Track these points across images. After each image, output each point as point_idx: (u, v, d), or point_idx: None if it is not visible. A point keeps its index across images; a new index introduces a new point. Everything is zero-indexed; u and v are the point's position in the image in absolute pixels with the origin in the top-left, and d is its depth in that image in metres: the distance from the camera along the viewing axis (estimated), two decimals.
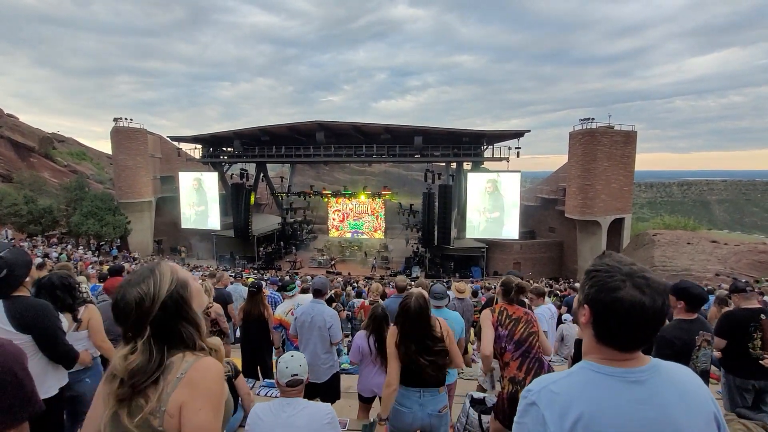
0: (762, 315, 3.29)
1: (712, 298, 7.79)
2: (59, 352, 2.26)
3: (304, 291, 4.65)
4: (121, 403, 1.06)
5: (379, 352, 3.03)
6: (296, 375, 2.06)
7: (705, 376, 3.61)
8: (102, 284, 5.32)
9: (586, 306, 0.99)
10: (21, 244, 17.40)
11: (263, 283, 6.04)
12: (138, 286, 1.09)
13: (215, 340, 1.24)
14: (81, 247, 21.68)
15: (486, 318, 2.73)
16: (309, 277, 14.86)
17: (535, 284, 6.81)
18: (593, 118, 23.11)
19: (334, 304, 6.97)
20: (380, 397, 3.20)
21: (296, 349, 3.55)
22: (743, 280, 6.93)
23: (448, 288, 5.69)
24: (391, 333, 2.45)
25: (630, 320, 0.92)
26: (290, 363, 2.08)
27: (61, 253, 16.06)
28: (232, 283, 7.27)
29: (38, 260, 7.21)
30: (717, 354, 4.10)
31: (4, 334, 2.02)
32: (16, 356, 1.45)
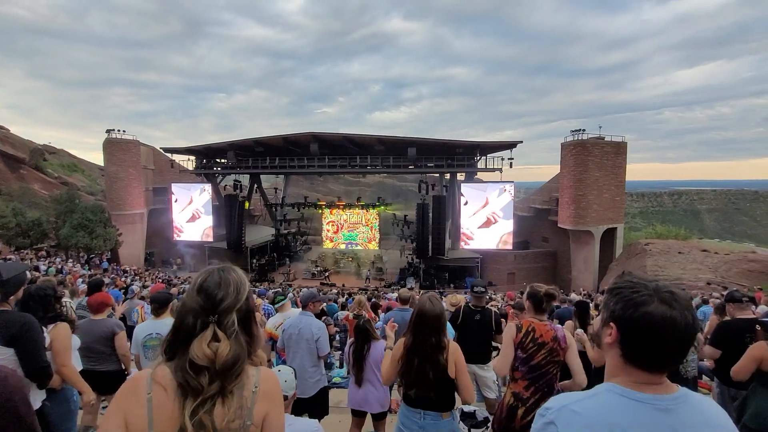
0: (757, 326, 3.28)
1: (706, 308, 7.82)
2: (36, 369, 2.18)
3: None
4: (204, 404, 0.98)
5: (354, 363, 2.99)
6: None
7: (693, 383, 3.55)
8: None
9: (612, 324, 0.94)
10: (8, 257, 17.08)
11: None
12: (229, 272, 1.12)
13: (261, 354, 1.25)
14: (70, 261, 21.31)
15: (510, 335, 2.51)
16: (303, 289, 14.71)
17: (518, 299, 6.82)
18: (584, 130, 23.53)
19: (324, 318, 6.88)
20: (372, 414, 3.13)
21: (284, 362, 3.47)
22: (734, 289, 6.98)
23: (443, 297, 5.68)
24: (397, 347, 2.37)
25: (661, 336, 0.88)
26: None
27: (49, 267, 15.78)
28: None
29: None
30: (708, 364, 4.09)
31: None
32: (18, 388, 1.39)
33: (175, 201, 28.37)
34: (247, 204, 27.23)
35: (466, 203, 24.38)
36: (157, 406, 0.99)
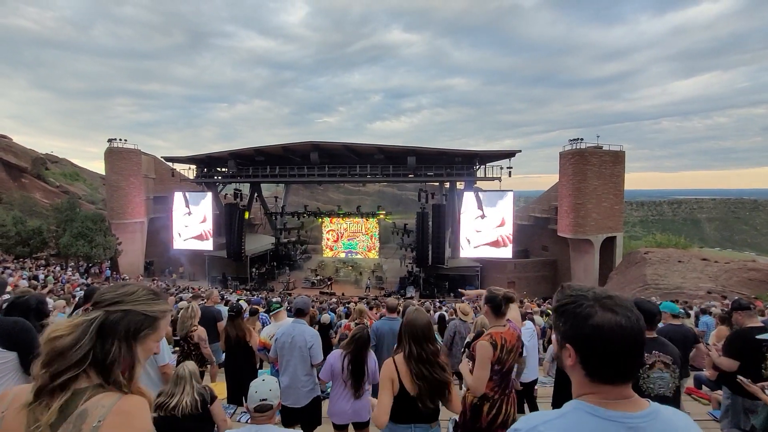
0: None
1: (707, 317, 7.73)
2: None
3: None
4: (37, 398, 0.91)
5: (352, 374, 2.93)
6: (265, 400, 1.97)
7: (665, 401, 3.49)
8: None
9: (568, 346, 0.94)
10: (6, 266, 17.07)
11: (243, 305, 5.89)
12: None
13: (146, 391, 1.07)
14: (69, 269, 21.28)
15: (486, 356, 2.43)
16: (297, 297, 14.62)
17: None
18: (582, 139, 23.64)
19: (330, 331, 6.89)
20: (353, 424, 3.08)
21: (277, 372, 3.45)
22: (735, 297, 6.92)
23: (445, 307, 5.66)
24: (388, 364, 2.28)
25: (613, 345, 0.88)
26: (260, 387, 1.99)
27: (47, 275, 15.75)
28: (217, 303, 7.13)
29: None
30: (708, 374, 4.03)
31: None
32: None
33: (176, 209, 28.41)
34: (247, 213, 27.26)
35: (465, 211, 24.37)
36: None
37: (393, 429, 2.29)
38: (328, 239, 30.08)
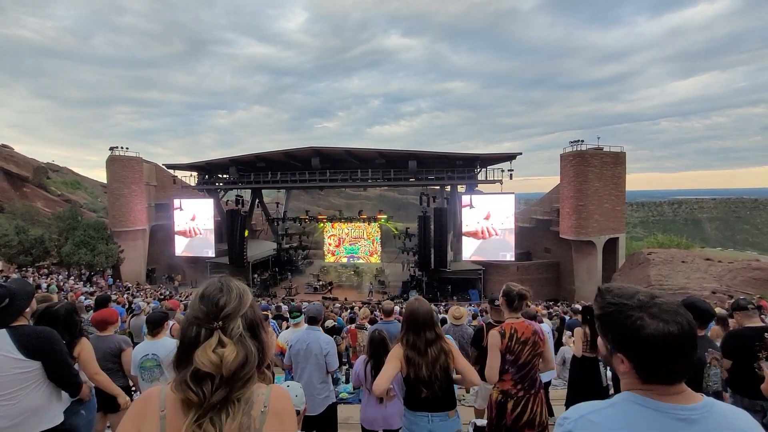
0: (765, 333, 3.24)
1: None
2: (67, 379, 2.27)
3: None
4: (207, 415, 0.93)
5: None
6: None
7: (718, 397, 3.51)
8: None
9: (620, 355, 0.94)
10: (11, 275, 17.05)
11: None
12: (231, 281, 1.09)
13: (268, 374, 1.19)
14: (72, 278, 21.25)
15: (495, 344, 2.55)
16: (305, 303, 14.59)
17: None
18: (583, 140, 23.71)
19: (334, 337, 6.83)
20: None
21: (291, 378, 3.43)
22: (741, 297, 6.92)
23: (446, 312, 5.62)
24: (394, 353, 2.35)
25: (667, 354, 0.88)
26: None
27: (50, 284, 15.72)
28: None
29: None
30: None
31: (11, 362, 2.01)
32: None
33: (178, 216, 28.42)
34: (249, 221, 27.26)
35: (467, 214, 24.36)
36: (170, 424, 0.96)
37: (411, 418, 2.33)
38: (329, 244, 30.04)
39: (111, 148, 27.38)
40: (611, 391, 4.21)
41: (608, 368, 3.36)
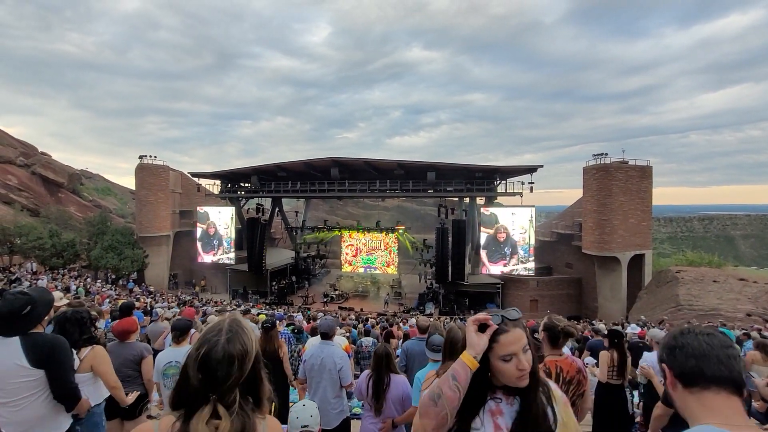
0: None
1: (750, 343, 7.24)
2: (65, 390, 2.21)
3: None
4: None
5: (374, 395, 2.85)
6: (306, 426, 1.94)
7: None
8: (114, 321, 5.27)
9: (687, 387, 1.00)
10: (41, 277, 17.82)
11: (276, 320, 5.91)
12: (234, 344, 1.03)
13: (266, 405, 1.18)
14: (99, 281, 22.05)
15: None
16: (320, 314, 14.63)
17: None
18: (606, 153, 23.19)
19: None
20: None
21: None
22: None
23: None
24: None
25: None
26: (301, 413, 1.97)
27: (78, 287, 16.35)
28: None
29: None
30: (757, 405, 3.76)
31: (18, 369, 2.03)
32: None
33: (200, 223, 29.19)
34: (268, 230, 27.68)
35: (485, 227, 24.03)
36: None
37: None
38: (347, 254, 30.13)
39: (140, 157, 28.50)
40: (638, 419, 4.01)
41: (634, 395, 3.18)
